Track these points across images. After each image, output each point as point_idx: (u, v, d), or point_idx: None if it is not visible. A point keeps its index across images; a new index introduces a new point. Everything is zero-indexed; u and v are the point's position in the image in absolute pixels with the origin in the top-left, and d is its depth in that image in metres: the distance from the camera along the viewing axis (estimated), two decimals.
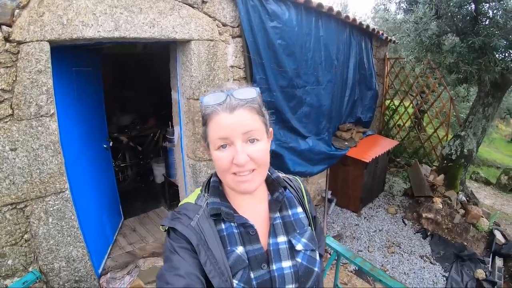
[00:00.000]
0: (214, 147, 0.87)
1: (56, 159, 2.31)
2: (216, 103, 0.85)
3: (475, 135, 4.91)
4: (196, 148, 3.23)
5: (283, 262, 0.91)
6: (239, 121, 0.84)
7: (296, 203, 1.04)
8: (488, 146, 10.96)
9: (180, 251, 0.86)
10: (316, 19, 3.99)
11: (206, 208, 0.93)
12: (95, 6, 2.25)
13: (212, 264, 0.84)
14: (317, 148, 4.36)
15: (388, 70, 6.59)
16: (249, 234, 0.92)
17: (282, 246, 0.94)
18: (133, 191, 5.11)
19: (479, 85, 4.72)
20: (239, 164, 0.83)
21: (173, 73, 3.34)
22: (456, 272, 3.75)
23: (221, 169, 0.88)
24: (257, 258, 0.90)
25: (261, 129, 0.89)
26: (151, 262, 3.33)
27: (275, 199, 0.99)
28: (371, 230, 4.63)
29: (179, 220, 0.91)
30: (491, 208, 5.60)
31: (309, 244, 0.97)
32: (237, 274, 0.86)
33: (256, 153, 0.86)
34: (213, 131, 0.86)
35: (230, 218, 0.92)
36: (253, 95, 0.88)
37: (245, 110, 0.85)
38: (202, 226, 0.89)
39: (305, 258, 0.94)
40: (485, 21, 3.98)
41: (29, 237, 2.31)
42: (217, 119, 0.85)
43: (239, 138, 0.84)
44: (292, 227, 0.98)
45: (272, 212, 0.98)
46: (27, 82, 2.07)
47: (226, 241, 0.90)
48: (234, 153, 0.84)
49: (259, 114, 0.89)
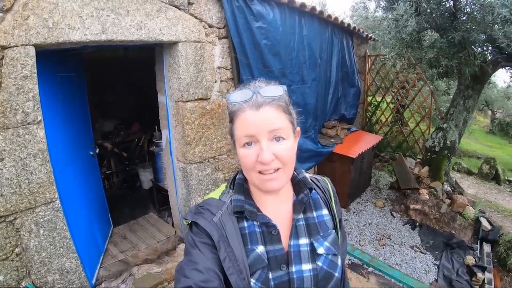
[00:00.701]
0: (239, 145, 0.86)
1: (45, 168, 2.24)
2: (242, 100, 0.85)
3: (457, 126, 5.04)
4: (186, 151, 3.19)
5: (303, 265, 0.90)
6: (265, 119, 0.83)
7: (322, 205, 1.02)
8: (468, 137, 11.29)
9: (201, 245, 0.86)
10: (300, 19, 4.03)
11: (230, 204, 0.93)
12: (82, 9, 2.19)
13: (231, 261, 0.83)
14: (304, 146, 4.39)
15: (369, 67, 6.70)
16: (271, 234, 0.91)
17: (303, 248, 0.92)
18: (121, 198, 5.00)
19: (459, 78, 4.85)
20: (264, 162, 0.82)
21: (159, 76, 3.30)
22: (447, 260, 3.84)
23: (246, 166, 0.87)
24: (277, 258, 0.89)
25: (287, 128, 0.87)
26: (145, 269, 3.27)
27: (300, 200, 0.98)
28: (360, 224, 4.68)
29: (202, 215, 0.91)
30: (475, 197, 5.75)
31: (332, 248, 0.95)
32: (256, 273, 0.85)
33: (282, 151, 0.85)
34: (239, 129, 0.85)
35: (253, 216, 0.91)
36: (280, 92, 0.87)
37: (271, 108, 0.84)
38: (225, 222, 0.89)
39: (326, 262, 0.92)
40: (463, 16, 4.09)
41: (20, 251, 2.23)
42: (243, 116, 0.84)
43: (264, 136, 0.83)
44: (315, 230, 0.96)
45: (296, 213, 0.96)
46: (12, 88, 2.00)
47: (248, 239, 0.89)
48: (259, 151, 0.83)
49: (286, 112, 0.88)
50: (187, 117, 3.10)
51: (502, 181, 7.75)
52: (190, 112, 3.11)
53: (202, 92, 3.16)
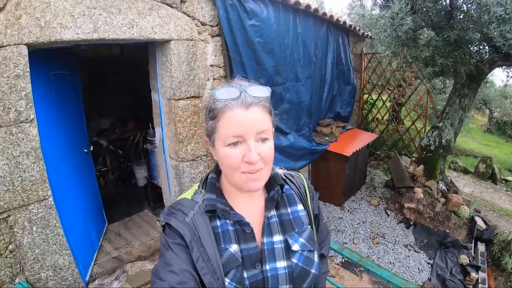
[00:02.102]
0: (223, 144, 0.85)
1: (38, 166, 2.25)
2: (230, 98, 0.83)
3: (452, 125, 5.05)
4: (178, 148, 3.21)
5: (277, 262, 0.89)
6: (254, 119, 0.83)
7: (296, 200, 1.01)
8: (465, 136, 11.29)
9: (174, 247, 0.85)
10: (294, 16, 4.02)
11: (202, 204, 0.92)
12: (73, 8, 2.20)
13: (204, 261, 0.83)
14: (298, 144, 4.40)
15: (365, 65, 6.71)
16: (244, 232, 0.90)
17: (277, 245, 0.92)
18: (116, 195, 5.03)
19: (455, 77, 4.86)
20: (252, 162, 0.82)
21: (152, 74, 3.31)
22: (440, 259, 3.87)
23: (230, 166, 0.85)
24: (251, 257, 0.88)
25: (270, 129, 0.87)
26: (138, 266, 3.29)
27: (271, 197, 0.97)
28: (355, 222, 4.70)
29: (174, 215, 0.90)
30: (470, 196, 5.78)
31: (307, 244, 0.94)
32: (230, 273, 0.85)
33: (266, 151, 0.85)
34: (226, 127, 0.83)
35: (225, 215, 0.91)
36: (267, 94, 0.87)
37: (258, 108, 0.84)
38: (197, 222, 0.88)
39: (301, 259, 0.91)
40: (460, 15, 4.09)
41: (13, 248, 2.24)
42: (231, 114, 0.82)
43: (252, 137, 0.82)
44: (290, 226, 0.96)
45: (268, 210, 0.96)
46: (5, 87, 2.01)
47: (221, 239, 0.88)
48: (246, 151, 0.82)
49: (270, 114, 0.89)
50: (179, 115, 3.11)
51: (499, 180, 7.78)
52: (182, 110, 3.12)
53: (194, 90, 3.17)
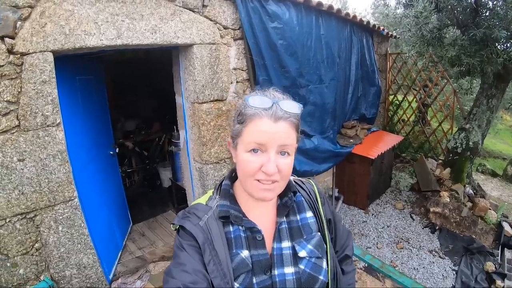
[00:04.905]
0: (245, 149, 0.86)
1: (64, 168, 2.33)
2: (262, 107, 0.84)
3: (480, 127, 4.88)
4: (202, 151, 3.24)
5: (285, 268, 0.91)
6: (280, 132, 0.84)
7: (306, 208, 1.03)
8: (494, 137, 10.86)
9: (188, 248, 0.88)
10: (317, 18, 3.99)
11: (216, 210, 0.95)
12: (97, 15, 2.26)
13: (215, 265, 0.85)
14: (322, 147, 4.36)
15: (390, 65, 6.56)
16: (255, 239, 0.92)
17: (285, 251, 0.94)
18: (141, 196, 5.12)
19: (482, 77, 4.69)
20: (268, 173, 0.83)
21: (176, 77, 3.35)
22: (466, 265, 3.74)
23: (247, 172, 0.86)
24: (261, 263, 0.90)
25: (293, 145, 0.88)
26: (161, 267, 3.35)
27: (283, 203, 0.99)
28: (379, 226, 4.62)
29: (188, 218, 0.93)
30: (498, 200, 5.56)
31: (315, 251, 0.95)
32: (239, 278, 0.86)
33: (285, 166, 0.85)
34: (251, 133, 0.85)
35: (238, 221, 0.93)
36: (298, 111, 0.88)
37: (287, 123, 0.85)
38: (210, 226, 0.90)
39: (308, 265, 0.93)
40: (486, 12, 3.95)
41: (39, 246, 2.33)
42: (260, 123, 0.84)
43: (274, 148, 0.83)
44: (298, 233, 0.97)
45: (279, 217, 0.98)
46: (32, 93, 2.09)
47: (233, 244, 0.91)
48: (265, 161, 0.83)
49: (296, 131, 0.89)
50: (203, 118, 3.14)
51: None
52: (205, 113, 3.15)
53: (217, 93, 3.19)
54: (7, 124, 2.05)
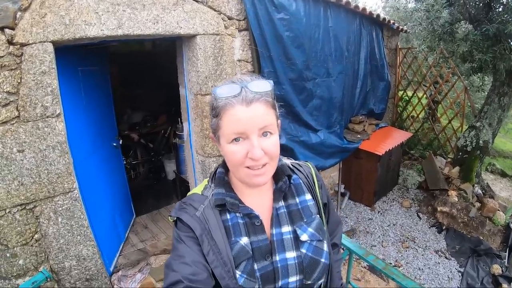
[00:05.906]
0: (227, 141, 0.85)
1: (64, 159, 2.31)
2: (231, 95, 0.82)
3: (490, 125, 4.77)
4: (205, 144, 3.20)
5: (287, 253, 0.90)
6: (256, 116, 0.82)
7: (304, 190, 1.02)
8: (504, 136, 10.64)
9: (186, 240, 0.87)
10: (325, 10, 3.90)
11: (212, 198, 0.93)
12: (97, 5, 2.22)
13: (215, 254, 0.84)
14: (328, 142, 4.29)
15: (401, 60, 6.43)
16: (254, 225, 0.91)
17: (286, 236, 0.92)
18: (145, 188, 5.12)
19: (494, 74, 4.56)
20: (255, 159, 0.81)
21: (180, 69, 3.31)
22: (472, 267, 3.67)
23: (234, 162, 0.85)
24: (261, 249, 0.89)
25: (274, 123, 0.87)
26: (162, 260, 3.34)
27: (279, 188, 0.98)
28: (385, 224, 4.55)
29: (185, 210, 0.92)
30: (507, 201, 5.43)
31: (316, 234, 0.94)
32: (241, 265, 0.85)
33: (270, 146, 0.84)
34: (228, 125, 0.83)
35: (235, 208, 0.91)
36: (268, 88, 0.86)
37: (260, 104, 0.83)
38: (207, 216, 0.89)
39: (310, 248, 0.92)
40: (499, 7, 3.85)
41: (39, 237, 2.34)
42: (233, 112, 0.82)
43: (255, 133, 0.82)
44: (298, 216, 0.96)
45: (276, 202, 0.96)
46: (31, 83, 2.07)
47: (231, 232, 0.90)
48: (250, 148, 0.82)
49: (273, 108, 0.88)
50: (206, 110, 3.10)
51: None
52: (208, 105, 3.09)
53: None
54: (7, 115, 2.04)
